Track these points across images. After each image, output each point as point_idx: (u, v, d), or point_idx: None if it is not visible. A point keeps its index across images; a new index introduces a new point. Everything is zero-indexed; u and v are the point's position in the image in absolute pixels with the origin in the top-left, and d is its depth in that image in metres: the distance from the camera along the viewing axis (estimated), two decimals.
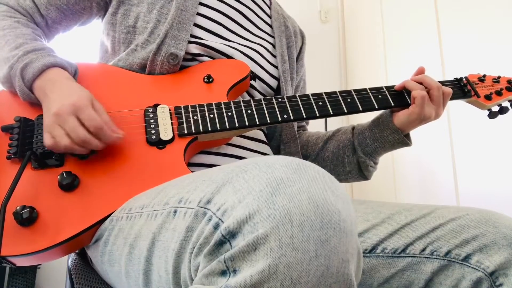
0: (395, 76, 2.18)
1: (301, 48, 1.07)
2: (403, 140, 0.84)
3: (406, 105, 0.82)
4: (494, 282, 0.60)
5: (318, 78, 2.53)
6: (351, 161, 0.89)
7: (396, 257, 0.65)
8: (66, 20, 0.86)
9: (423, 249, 0.64)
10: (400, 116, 0.82)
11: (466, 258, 0.62)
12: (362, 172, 0.90)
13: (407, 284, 0.65)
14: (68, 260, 0.77)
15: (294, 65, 0.99)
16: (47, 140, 0.65)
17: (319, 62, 2.57)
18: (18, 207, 0.60)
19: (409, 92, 0.83)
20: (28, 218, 0.60)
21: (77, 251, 0.78)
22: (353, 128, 0.92)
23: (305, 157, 0.96)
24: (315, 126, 1.40)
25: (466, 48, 1.74)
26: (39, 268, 1.84)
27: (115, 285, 0.67)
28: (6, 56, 0.72)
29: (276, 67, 0.94)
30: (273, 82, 0.92)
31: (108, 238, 0.61)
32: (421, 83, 0.83)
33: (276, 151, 0.93)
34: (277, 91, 0.94)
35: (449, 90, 0.83)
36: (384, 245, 0.66)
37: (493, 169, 1.57)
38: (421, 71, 0.87)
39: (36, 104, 0.72)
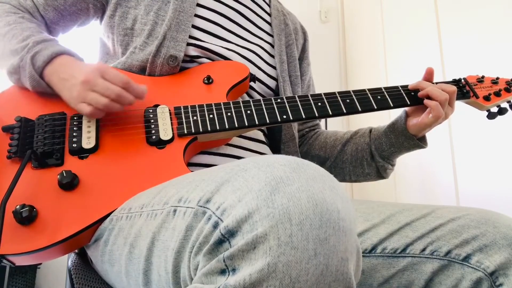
0: (395, 76, 2.18)
1: (304, 45, 1.06)
2: (418, 144, 0.86)
3: (405, 105, 0.83)
4: (494, 282, 0.60)
5: (318, 78, 2.52)
6: (369, 164, 0.91)
7: (396, 257, 0.65)
8: (63, 21, 0.86)
9: (423, 249, 0.64)
10: (412, 125, 0.84)
11: (466, 258, 0.62)
12: (380, 174, 0.92)
13: (407, 284, 0.65)
14: (68, 260, 0.77)
15: (295, 63, 0.99)
16: (85, 108, 0.68)
17: (319, 62, 2.57)
18: (18, 206, 0.60)
19: (408, 93, 0.83)
20: (27, 217, 0.60)
21: (76, 251, 0.78)
22: (370, 131, 0.93)
23: (324, 159, 0.97)
24: None
25: (466, 48, 1.74)
26: (39, 268, 1.84)
27: (115, 285, 0.67)
28: (14, 48, 0.73)
29: (274, 67, 0.94)
30: (271, 83, 0.92)
31: (108, 237, 0.61)
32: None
33: (276, 151, 0.93)
34: (276, 92, 0.94)
35: (452, 89, 0.82)
36: (384, 245, 0.66)
37: (493, 169, 1.57)
38: (430, 72, 0.87)
39: (37, 104, 0.73)
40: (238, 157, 0.81)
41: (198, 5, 0.86)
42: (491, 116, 0.89)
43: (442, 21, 1.89)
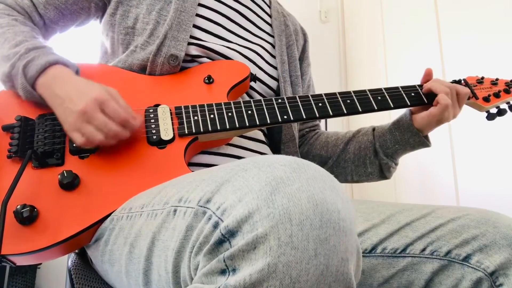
0: (395, 76, 2.18)
1: (304, 46, 1.07)
2: (424, 141, 0.86)
3: (405, 106, 0.83)
4: (494, 282, 0.60)
5: (318, 78, 2.52)
6: (372, 162, 0.91)
7: (396, 257, 0.65)
8: (63, 20, 0.85)
9: (423, 249, 0.64)
10: (420, 118, 0.84)
11: (466, 258, 0.62)
12: (383, 173, 0.91)
13: (407, 284, 0.65)
14: (68, 260, 0.77)
15: (295, 63, 0.99)
16: (78, 139, 0.65)
17: (319, 62, 2.57)
18: (19, 206, 0.60)
19: (409, 94, 0.83)
20: (28, 217, 0.60)
21: (76, 251, 0.78)
22: (373, 129, 0.92)
23: (326, 158, 0.96)
24: None
25: (466, 48, 1.74)
26: (39, 268, 1.84)
27: (115, 285, 0.67)
28: (6, 54, 0.72)
29: (275, 67, 0.94)
30: (272, 83, 0.92)
31: (108, 237, 0.61)
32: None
33: (276, 151, 0.93)
34: (277, 92, 0.94)
35: (465, 91, 0.84)
36: (384, 245, 0.66)
37: (493, 169, 1.57)
38: (429, 73, 0.88)
39: (37, 104, 0.72)
40: (238, 157, 0.81)
41: (200, 4, 0.87)
42: (490, 117, 0.90)
43: (442, 21, 1.89)
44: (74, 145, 0.68)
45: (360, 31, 2.56)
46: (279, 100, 0.78)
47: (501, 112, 0.89)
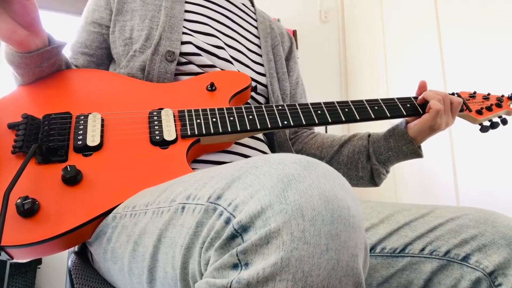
0: (394, 76, 2.19)
1: (290, 48, 1.12)
2: (417, 150, 0.87)
3: (401, 116, 0.85)
4: (493, 282, 0.60)
5: (318, 78, 2.53)
6: (364, 167, 0.92)
7: (395, 256, 0.66)
8: (95, 64, 0.92)
9: (422, 249, 0.65)
10: (413, 126, 0.86)
11: (465, 258, 0.62)
12: (373, 179, 0.92)
13: (406, 284, 0.65)
14: (68, 260, 0.78)
15: (282, 61, 1.04)
16: None
17: (319, 62, 2.58)
18: (20, 198, 0.60)
19: (404, 105, 0.85)
20: (29, 209, 0.59)
21: (76, 249, 0.78)
22: (369, 135, 0.94)
23: (320, 158, 0.98)
24: None
25: (466, 48, 1.75)
26: (39, 268, 1.85)
27: (117, 283, 0.67)
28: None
29: (261, 64, 0.98)
30: (260, 78, 0.97)
31: (111, 235, 0.62)
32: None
33: (268, 139, 0.97)
34: (266, 86, 0.98)
35: (458, 100, 0.86)
36: (383, 245, 0.67)
37: (493, 169, 1.58)
38: (423, 85, 0.91)
39: (42, 104, 0.74)
40: (240, 154, 0.84)
41: (186, 11, 0.93)
42: (483, 129, 0.93)
43: (442, 21, 1.89)
44: (78, 142, 0.69)
45: (360, 31, 2.56)
46: (280, 107, 0.80)
47: (493, 125, 0.93)
